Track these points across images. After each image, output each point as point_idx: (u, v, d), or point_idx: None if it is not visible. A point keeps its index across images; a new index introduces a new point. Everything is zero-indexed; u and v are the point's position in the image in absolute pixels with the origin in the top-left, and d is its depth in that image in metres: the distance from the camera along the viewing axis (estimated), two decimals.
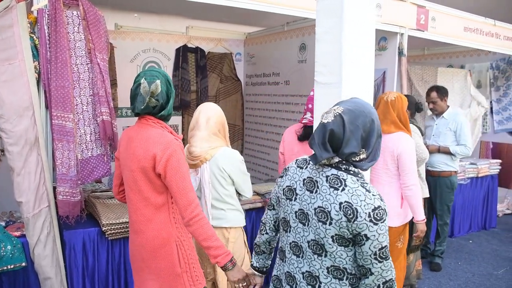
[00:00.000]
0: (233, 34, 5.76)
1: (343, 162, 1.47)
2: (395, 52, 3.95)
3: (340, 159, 1.46)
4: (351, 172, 1.47)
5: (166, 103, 1.93)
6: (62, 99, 2.47)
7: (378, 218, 1.39)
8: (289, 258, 1.63)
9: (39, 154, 2.49)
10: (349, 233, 1.42)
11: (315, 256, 1.51)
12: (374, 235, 1.39)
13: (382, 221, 1.40)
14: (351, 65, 2.34)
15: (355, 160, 1.47)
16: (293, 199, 1.58)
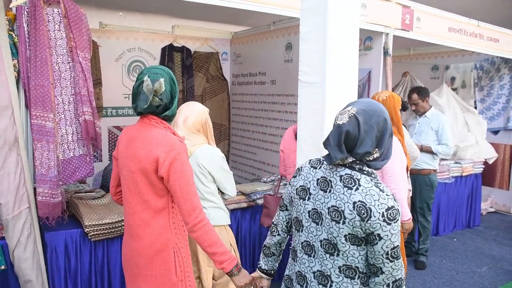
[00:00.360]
0: (219, 34, 5.73)
1: (357, 162, 1.48)
2: (380, 52, 3.96)
3: (354, 159, 1.48)
4: (365, 172, 1.48)
5: (170, 102, 1.84)
6: (41, 98, 2.42)
7: (391, 218, 1.41)
8: (300, 257, 1.64)
9: (18, 155, 2.44)
10: (362, 232, 1.43)
11: (327, 256, 1.53)
12: (387, 235, 1.41)
13: (395, 221, 1.42)
14: (335, 65, 2.34)
15: (369, 159, 1.48)
16: (307, 198, 1.59)
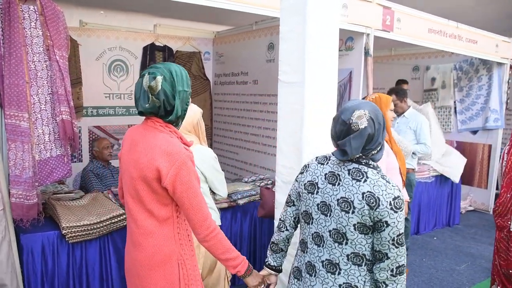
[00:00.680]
0: (201, 33, 5.70)
1: (363, 156, 1.61)
2: (361, 52, 3.99)
3: (360, 154, 1.60)
4: (371, 166, 1.62)
5: (169, 104, 1.66)
6: (16, 98, 2.37)
7: (398, 206, 1.53)
8: (310, 248, 1.72)
9: None
10: (370, 221, 1.54)
11: (335, 245, 1.62)
12: (394, 222, 1.52)
13: (400, 209, 1.53)
14: (315, 64, 2.34)
15: (374, 153, 1.63)
16: (315, 192, 1.69)
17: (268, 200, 3.13)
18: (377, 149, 1.63)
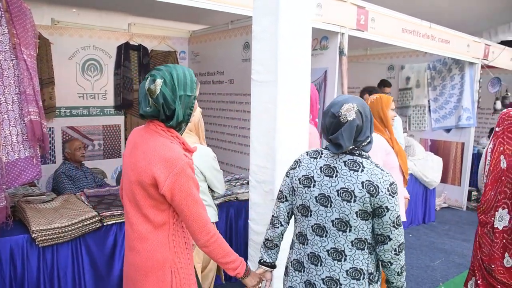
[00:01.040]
0: (177, 32, 5.65)
1: (355, 148, 1.70)
2: (336, 52, 4.02)
3: (353, 146, 1.68)
4: (364, 156, 1.71)
5: (168, 109, 1.61)
6: None
7: (394, 191, 1.63)
8: (311, 240, 1.77)
9: None
10: (370, 207, 1.63)
11: (340, 233, 1.69)
12: (393, 206, 1.63)
13: (396, 194, 1.64)
14: (288, 64, 2.35)
15: (364, 144, 1.71)
16: (312, 185, 1.74)
17: None
18: (367, 141, 1.72)
